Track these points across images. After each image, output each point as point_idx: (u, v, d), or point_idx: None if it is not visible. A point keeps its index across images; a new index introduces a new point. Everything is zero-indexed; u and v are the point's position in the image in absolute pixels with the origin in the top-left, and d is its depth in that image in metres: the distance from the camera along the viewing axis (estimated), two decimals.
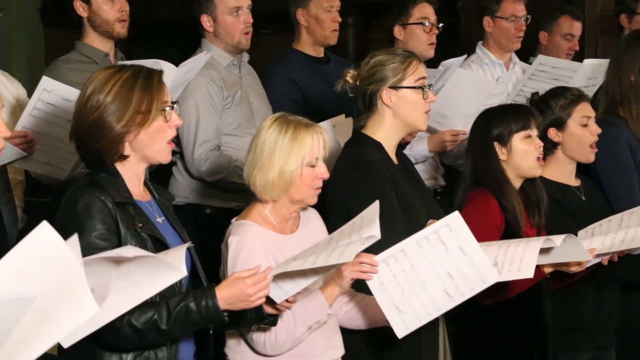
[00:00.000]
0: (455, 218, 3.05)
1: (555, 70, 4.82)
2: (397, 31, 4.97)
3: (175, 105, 2.85)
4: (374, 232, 2.87)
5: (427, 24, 4.94)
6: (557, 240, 3.34)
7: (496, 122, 3.77)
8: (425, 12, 4.97)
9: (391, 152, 3.57)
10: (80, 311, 2.06)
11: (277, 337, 3.09)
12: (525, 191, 3.79)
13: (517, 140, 3.75)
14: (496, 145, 3.76)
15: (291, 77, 4.85)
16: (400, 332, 3.09)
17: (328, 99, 4.77)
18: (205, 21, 4.55)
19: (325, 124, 4.14)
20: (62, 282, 2.01)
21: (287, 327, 3.07)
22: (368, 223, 2.90)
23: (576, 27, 5.64)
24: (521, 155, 3.75)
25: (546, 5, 5.55)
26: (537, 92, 4.12)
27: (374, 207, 2.99)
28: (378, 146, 3.54)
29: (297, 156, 3.10)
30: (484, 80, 4.91)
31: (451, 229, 3.03)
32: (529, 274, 3.26)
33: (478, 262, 3.05)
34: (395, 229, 3.28)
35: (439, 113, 4.57)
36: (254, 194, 3.18)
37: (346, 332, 3.34)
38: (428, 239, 3.03)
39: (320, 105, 4.74)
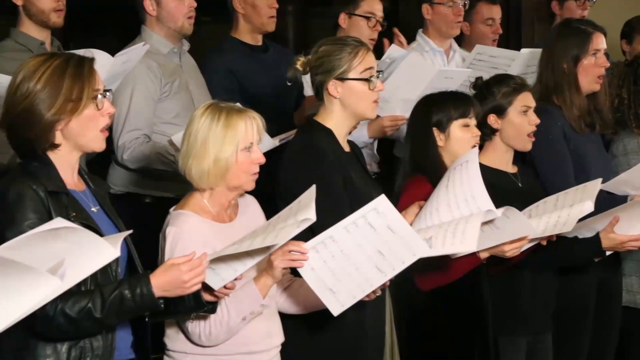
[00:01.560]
0: (382, 201, 3.07)
1: (493, 59, 4.87)
2: (342, 19, 4.98)
3: (108, 93, 2.83)
4: (310, 215, 2.89)
5: (372, 19, 4.95)
6: (498, 211, 3.41)
7: (436, 108, 3.80)
8: (374, 7, 4.99)
9: (342, 140, 3.58)
10: (40, 289, 2.13)
11: (211, 329, 3.09)
12: None
13: (456, 127, 3.78)
14: (435, 130, 3.79)
15: (228, 66, 4.82)
16: (336, 310, 3.11)
17: (266, 88, 4.78)
18: (148, 5, 4.52)
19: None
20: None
21: (220, 319, 3.08)
22: (304, 206, 2.93)
23: (495, 11, 5.70)
24: (458, 143, 3.78)
25: None
26: (480, 77, 4.16)
27: (311, 191, 3.00)
28: (329, 133, 3.54)
29: (231, 142, 3.09)
30: (429, 66, 4.93)
31: (379, 212, 3.05)
32: (472, 247, 3.32)
33: (407, 238, 3.08)
34: (342, 217, 3.29)
35: (381, 97, 4.58)
36: (191, 183, 3.17)
37: (286, 317, 3.35)
38: (356, 224, 3.05)
39: (258, 94, 4.72)
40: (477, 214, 3.41)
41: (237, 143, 3.10)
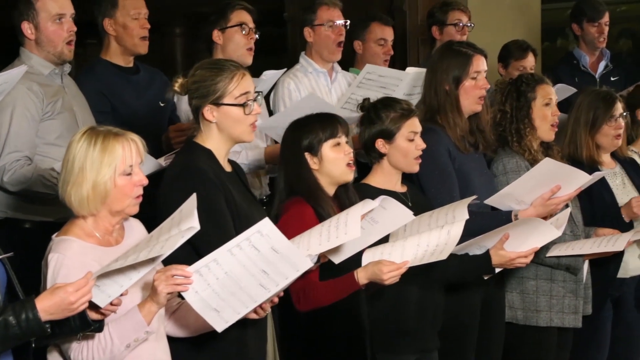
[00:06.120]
0: (265, 224, 3.09)
1: (382, 78, 4.93)
2: (216, 36, 4.97)
3: None
4: (193, 224, 2.89)
5: (245, 26, 4.97)
6: (376, 202, 3.54)
7: (305, 133, 3.83)
8: (244, 17, 4.99)
9: (222, 160, 3.57)
10: None
11: (94, 357, 3.03)
12: (339, 197, 3.87)
13: (327, 148, 3.82)
14: (307, 155, 3.82)
15: (99, 88, 4.78)
16: (220, 327, 3.11)
17: (138, 109, 4.77)
18: (26, 28, 4.44)
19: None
20: None
21: (104, 347, 3.03)
22: (186, 216, 2.92)
23: (387, 32, 5.80)
24: (332, 163, 3.82)
25: (359, 15, 5.70)
26: (368, 99, 4.21)
27: (192, 200, 3.00)
28: (208, 154, 3.53)
29: (109, 166, 3.06)
30: (327, 102, 4.97)
31: (262, 234, 3.07)
32: (356, 233, 3.40)
33: (291, 256, 3.12)
34: (227, 235, 3.30)
35: (283, 127, 4.60)
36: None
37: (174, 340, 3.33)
38: (240, 247, 3.06)
39: (131, 115, 4.71)
40: (356, 205, 3.51)
41: (115, 167, 3.06)
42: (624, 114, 4.88)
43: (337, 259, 3.64)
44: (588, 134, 4.82)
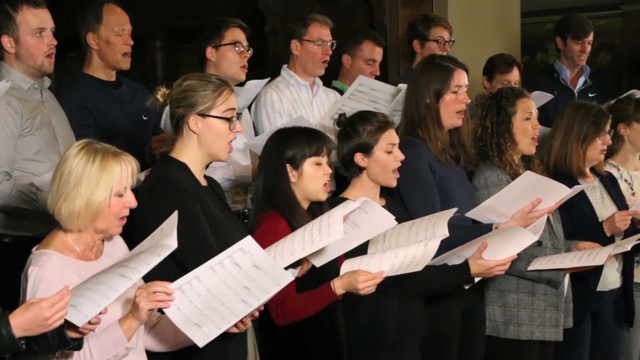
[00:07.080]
0: (247, 242, 3.10)
1: (373, 92, 4.95)
2: (210, 52, 5.00)
3: None
4: (170, 242, 2.88)
5: (239, 45, 4.99)
6: (357, 202, 3.58)
7: (290, 144, 3.83)
8: (238, 36, 5.03)
9: (198, 174, 3.58)
10: None
11: None
12: (313, 212, 3.86)
13: (308, 165, 3.82)
14: (288, 167, 3.82)
15: (81, 101, 4.78)
16: (201, 342, 3.11)
17: (121, 122, 4.78)
18: (6, 42, 4.42)
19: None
20: None
21: None
22: (166, 234, 2.91)
23: (377, 53, 5.82)
24: (311, 180, 3.83)
25: (351, 29, 5.71)
26: (344, 114, 4.22)
27: (172, 218, 2.99)
28: (183, 167, 3.54)
29: (105, 186, 3.05)
30: (315, 126, 4.97)
31: (244, 252, 3.08)
32: (339, 234, 3.42)
33: (272, 271, 3.12)
34: (204, 239, 3.32)
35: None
36: (58, 222, 3.11)
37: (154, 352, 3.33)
38: (222, 264, 3.06)
39: (113, 129, 4.72)
40: (337, 207, 3.54)
41: (111, 187, 3.06)
42: (610, 130, 4.92)
43: (318, 262, 3.65)
44: (580, 146, 4.85)
